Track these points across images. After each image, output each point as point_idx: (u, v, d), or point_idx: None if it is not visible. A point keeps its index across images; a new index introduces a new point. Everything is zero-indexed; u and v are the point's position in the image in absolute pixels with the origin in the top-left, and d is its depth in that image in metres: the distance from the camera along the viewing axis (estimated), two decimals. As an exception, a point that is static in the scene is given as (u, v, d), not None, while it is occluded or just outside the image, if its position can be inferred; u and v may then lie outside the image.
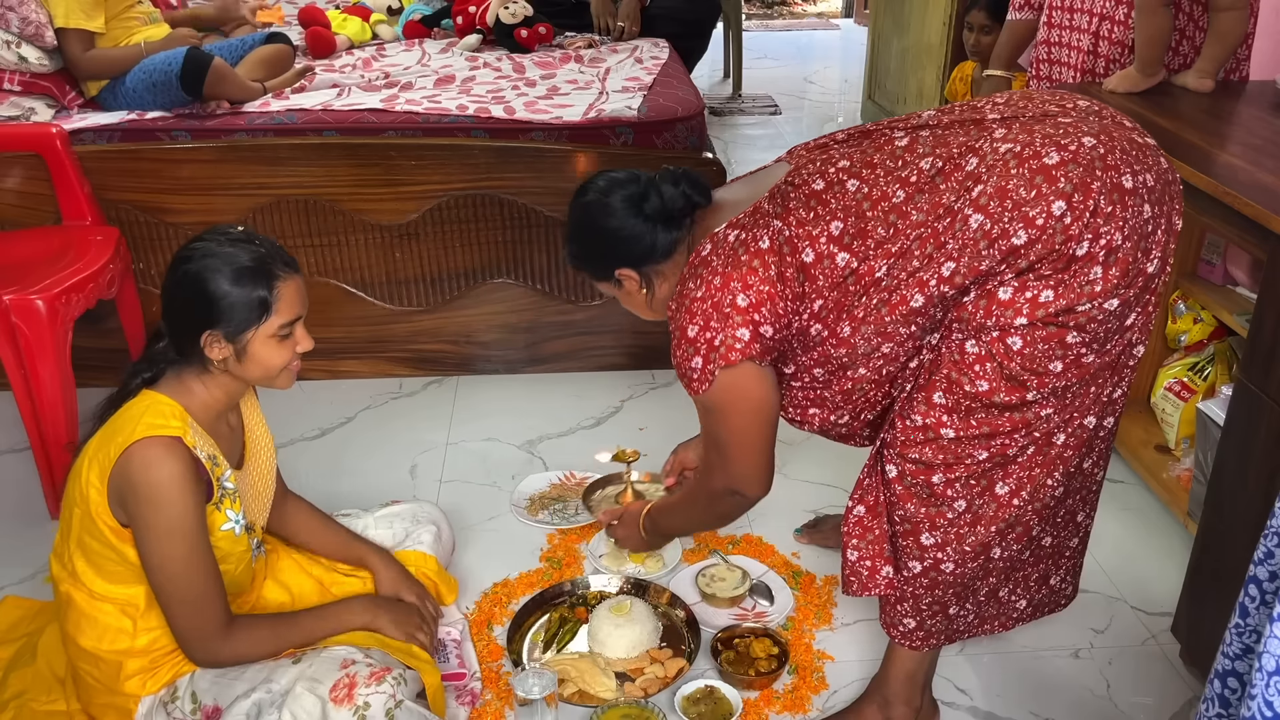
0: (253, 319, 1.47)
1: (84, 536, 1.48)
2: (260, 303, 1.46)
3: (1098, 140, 1.34)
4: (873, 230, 1.41)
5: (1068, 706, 1.76)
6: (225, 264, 1.45)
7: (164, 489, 1.40)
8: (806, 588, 2.01)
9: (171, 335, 1.51)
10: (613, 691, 1.73)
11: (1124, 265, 1.32)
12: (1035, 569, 1.63)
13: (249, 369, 1.51)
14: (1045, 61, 2.59)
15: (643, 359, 2.82)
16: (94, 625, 1.51)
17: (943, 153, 1.40)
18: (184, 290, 1.46)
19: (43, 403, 2.13)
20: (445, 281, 2.71)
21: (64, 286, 2.16)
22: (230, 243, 1.48)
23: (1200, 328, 2.31)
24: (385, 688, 1.46)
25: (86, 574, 1.50)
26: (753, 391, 1.54)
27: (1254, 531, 1.15)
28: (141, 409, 1.46)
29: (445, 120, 2.63)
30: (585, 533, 2.16)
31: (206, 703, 1.51)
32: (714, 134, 4.60)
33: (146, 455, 1.40)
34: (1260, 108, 2.16)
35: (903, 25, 4.38)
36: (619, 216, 1.61)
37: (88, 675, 1.55)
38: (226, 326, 1.46)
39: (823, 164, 1.50)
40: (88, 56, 2.71)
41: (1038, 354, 1.35)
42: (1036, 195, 1.31)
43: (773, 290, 1.47)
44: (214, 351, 1.47)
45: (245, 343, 1.48)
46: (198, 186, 2.56)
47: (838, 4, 7.98)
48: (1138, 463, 2.30)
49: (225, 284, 1.45)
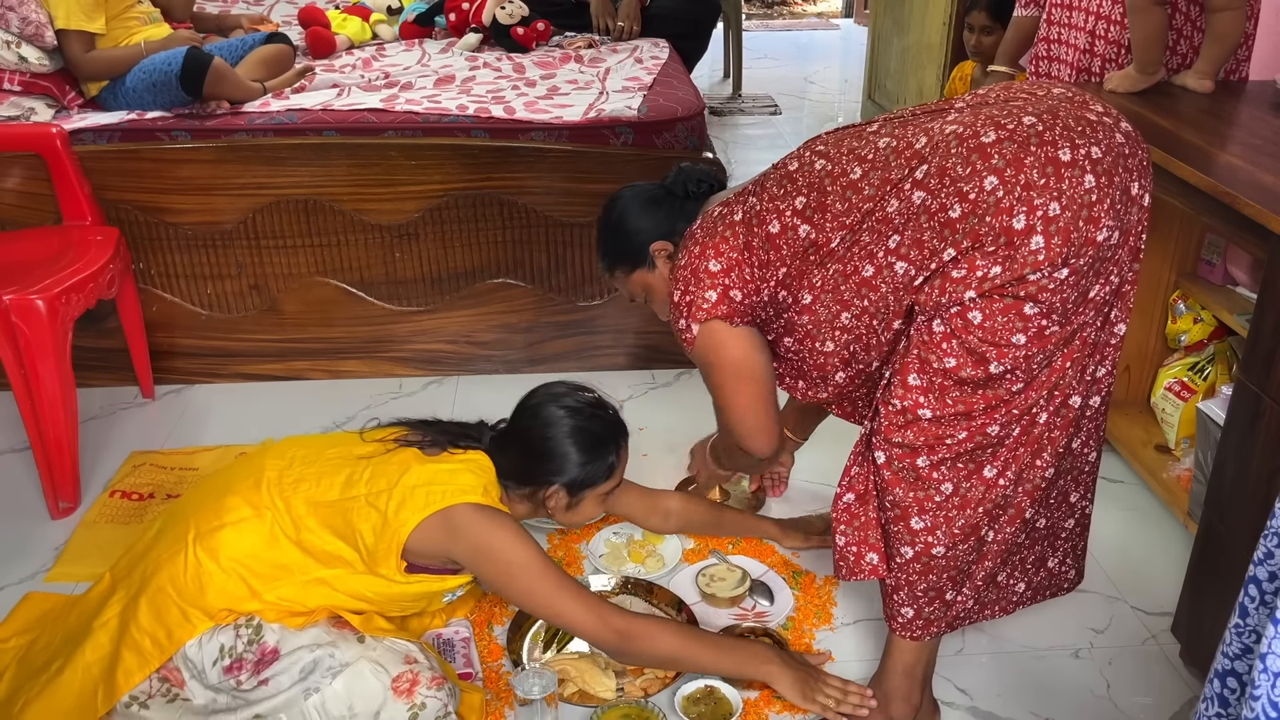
0: (597, 480, 1.66)
1: (342, 513, 1.54)
2: (609, 469, 1.67)
3: (1039, 119, 1.39)
4: (831, 204, 1.52)
5: (1068, 706, 1.76)
6: (585, 432, 1.64)
7: (502, 534, 1.54)
8: (806, 588, 2.01)
9: (509, 469, 1.65)
10: (613, 691, 1.73)
11: (1065, 234, 1.36)
12: (1032, 551, 1.65)
13: (572, 517, 1.71)
14: (1044, 59, 2.59)
15: (643, 359, 2.82)
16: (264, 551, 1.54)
17: (899, 133, 1.49)
18: (544, 449, 1.64)
19: (43, 403, 2.14)
20: (445, 281, 2.71)
21: (64, 286, 2.17)
22: (588, 410, 1.67)
23: (1200, 328, 2.31)
24: (443, 695, 1.52)
25: (309, 523, 1.54)
26: (727, 348, 1.68)
27: (1254, 531, 1.15)
28: (487, 476, 1.60)
29: (445, 120, 2.63)
30: (585, 533, 2.16)
31: (269, 641, 1.52)
32: (714, 134, 4.59)
33: (479, 514, 1.54)
34: (1260, 108, 2.16)
35: (903, 25, 4.38)
36: (648, 196, 1.83)
37: (196, 573, 1.53)
38: (572, 482, 1.64)
39: (803, 149, 1.64)
40: (88, 57, 2.71)
41: (998, 326, 1.40)
42: (971, 172, 1.38)
43: (740, 257, 1.63)
44: (553, 501, 1.66)
45: (581, 498, 1.67)
46: (198, 186, 2.56)
47: (838, 4, 7.97)
48: (1138, 463, 2.30)
49: (583, 452, 1.64)
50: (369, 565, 1.53)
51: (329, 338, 2.72)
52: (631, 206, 1.83)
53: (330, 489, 1.56)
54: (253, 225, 2.61)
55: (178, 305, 2.69)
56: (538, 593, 1.55)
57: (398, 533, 1.51)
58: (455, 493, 1.52)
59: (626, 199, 1.85)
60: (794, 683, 1.65)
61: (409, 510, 1.51)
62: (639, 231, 1.81)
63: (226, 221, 2.60)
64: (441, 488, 1.53)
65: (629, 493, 1.97)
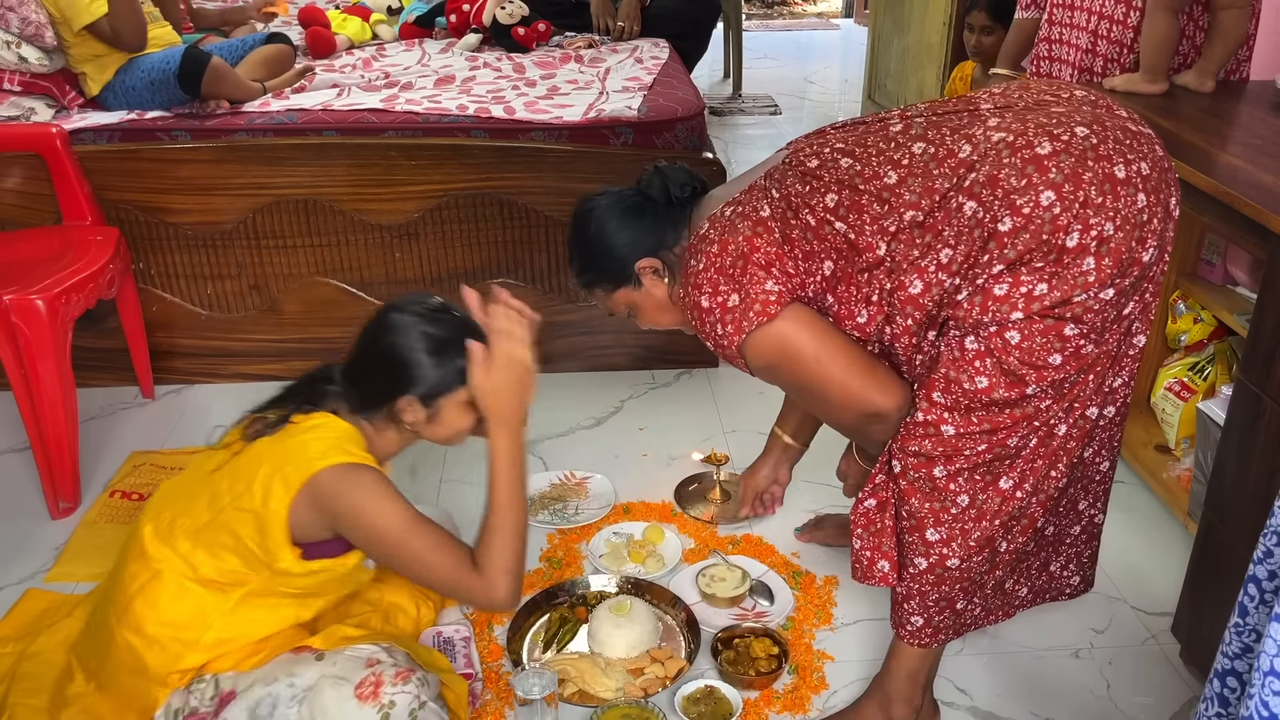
0: (450, 386, 1.55)
1: (220, 532, 1.50)
2: (459, 372, 1.54)
3: (1090, 130, 1.34)
4: (867, 206, 1.43)
5: (1068, 706, 1.76)
6: (428, 335, 1.54)
7: (366, 495, 1.48)
8: (806, 588, 2.01)
9: (359, 394, 1.58)
10: (613, 691, 1.73)
11: (1117, 255, 1.32)
12: (1036, 557, 1.64)
13: (436, 430, 1.59)
14: (1045, 59, 2.59)
15: (643, 359, 2.82)
16: (175, 605, 1.51)
17: (934, 137, 1.42)
18: (387, 358, 1.55)
19: (43, 403, 2.14)
20: (445, 281, 2.71)
21: (64, 286, 2.17)
22: (430, 313, 1.56)
23: (1200, 328, 2.31)
24: (410, 688, 1.48)
25: (197, 556, 1.51)
26: (794, 341, 1.49)
27: (1254, 531, 1.15)
28: (333, 433, 1.52)
29: (445, 120, 2.64)
30: (585, 532, 2.16)
31: (224, 687, 1.52)
32: (714, 134, 4.60)
33: (339, 477, 1.47)
34: (1260, 108, 2.16)
35: (903, 25, 4.38)
36: (627, 205, 1.67)
37: (131, 653, 1.53)
38: (424, 391, 1.54)
39: (818, 145, 1.54)
40: (116, 28, 2.65)
41: (1036, 348, 1.36)
42: (1026, 184, 1.32)
43: (780, 251, 1.50)
44: (408, 415, 1.55)
45: (438, 407, 1.56)
46: (198, 186, 2.56)
47: (838, 4, 7.98)
48: (1138, 463, 2.30)
49: (428, 354, 1.53)
50: (269, 565, 1.50)
51: (329, 338, 2.72)
52: (610, 219, 1.66)
53: (200, 514, 1.53)
54: (253, 225, 2.61)
55: (178, 305, 2.69)
56: (403, 554, 1.49)
57: (275, 524, 1.47)
58: (307, 464, 1.47)
59: (603, 209, 1.67)
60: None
61: (274, 499, 1.47)
62: (622, 247, 1.65)
63: (226, 221, 2.60)
64: (294, 465, 1.48)
65: None
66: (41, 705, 1.64)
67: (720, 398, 2.68)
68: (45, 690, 1.67)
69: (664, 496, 2.28)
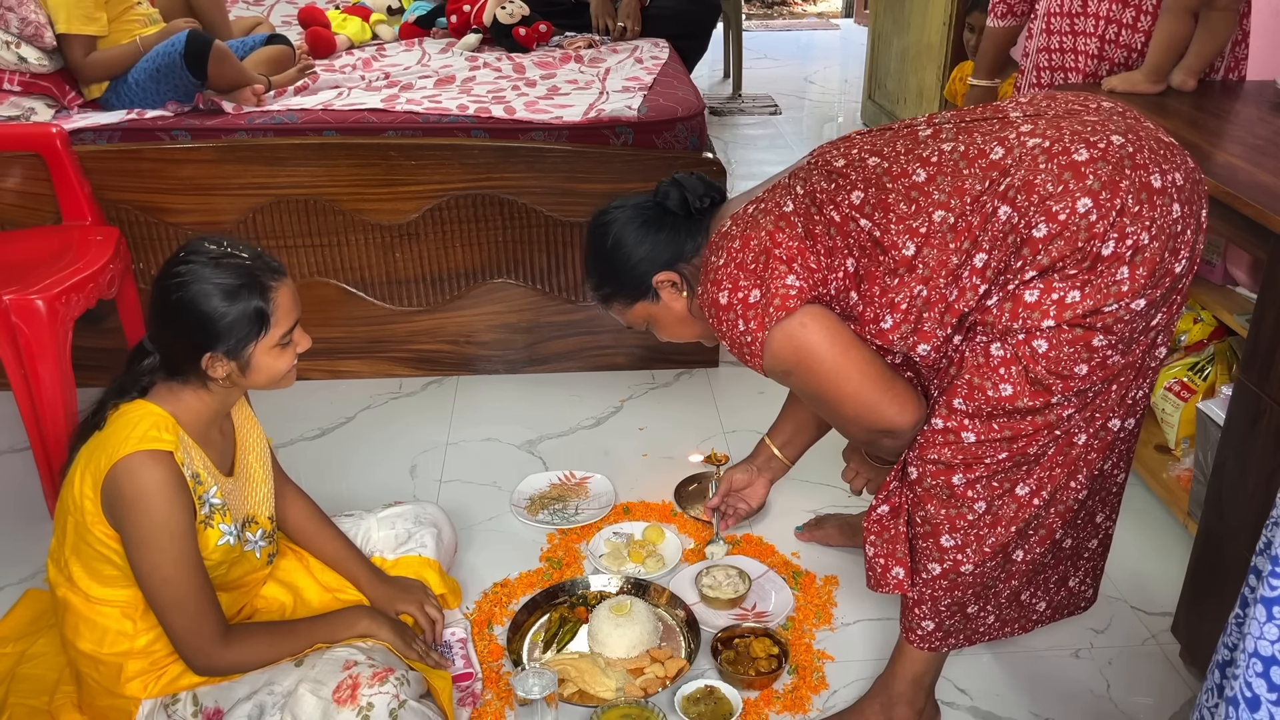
0: (254, 333, 1.46)
1: (79, 543, 1.49)
2: (258, 315, 1.46)
3: (1126, 139, 1.33)
4: (894, 204, 1.41)
5: (1068, 706, 1.76)
6: (216, 284, 1.43)
7: (150, 495, 1.41)
8: (806, 588, 2.01)
9: (166, 358, 1.50)
10: (613, 691, 1.73)
11: (1151, 265, 1.31)
12: (1055, 571, 1.62)
13: (255, 379, 1.52)
14: (1046, 69, 2.57)
15: (643, 359, 2.82)
16: (93, 628, 1.51)
17: (965, 139, 1.40)
18: (178, 317, 1.45)
19: (43, 403, 2.13)
20: (445, 281, 2.71)
21: (64, 286, 2.16)
22: (215, 260, 1.45)
23: (1200, 328, 2.31)
24: (389, 688, 1.46)
25: (83, 579, 1.50)
26: (812, 341, 1.47)
27: (1254, 531, 1.14)
28: (134, 419, 1.45)
29: (445, 120, 2.64)
30: (585, 533, 2.16)
31: (208, 705, 1.51)
32: (714, 134, 4.60)
33: (132, 465, 1.41)
34: (1260, 108, 2.16)
35: (903, 25, 4.38)
36: (645, 218, 1.64)
37: (89, 678, 1.55)
38: (228, 345, 1.45)
39: (845, 148, 1.52)
40: (89, 61, 2.70)
41: (1063, 357, 1.34)
42: (1063, 191, 1.30)
43: (802, 246, 1.47)
44: (217, 371, 1.47)
45: (248, 357, 1.48)
46: (198, 186, 2.56)
47: (838, 4, 7.98)
48: (1138, 463, 2.30)
49: (220, 304, 1.43)
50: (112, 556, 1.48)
51: (329, 338, 2.72)
52: (628, 232, 1.63)
53: (67, 533, 1.51)
54: (253, 225, 2.61)
55: (178, 305, 2.69)
56: (156, 576, 1.43)
57: (101, 524, 1.46)
58: (106, 462, 1.42)
59: (620, 223, 1.64)
60: (395, 635, 1.64)
61: (90, 502, 1.45)
62: (641, 261, 1.62)
63: (226, 221, 2.60)
64: (95, 467, 1.43)
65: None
66: (41, 706, 1.65)
67: (720, 398, 2.68)
68: (45, 691, 1.67)
69: (664, 496, 2.29)
